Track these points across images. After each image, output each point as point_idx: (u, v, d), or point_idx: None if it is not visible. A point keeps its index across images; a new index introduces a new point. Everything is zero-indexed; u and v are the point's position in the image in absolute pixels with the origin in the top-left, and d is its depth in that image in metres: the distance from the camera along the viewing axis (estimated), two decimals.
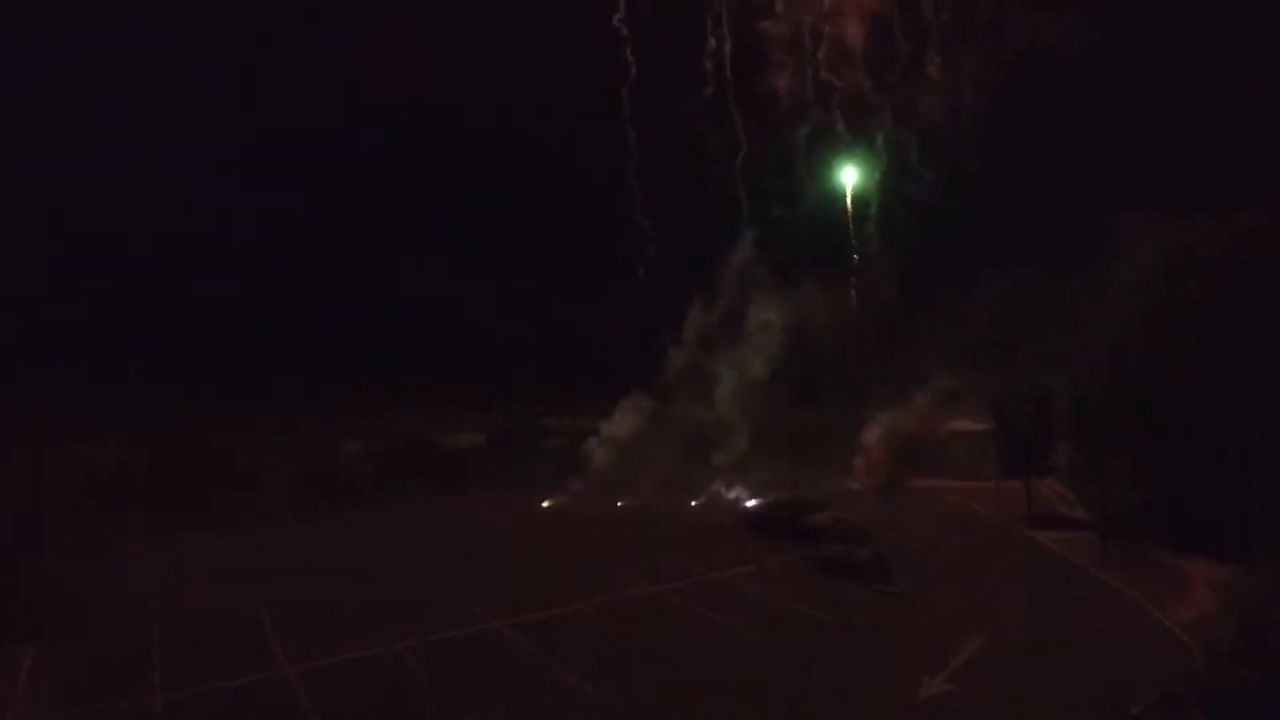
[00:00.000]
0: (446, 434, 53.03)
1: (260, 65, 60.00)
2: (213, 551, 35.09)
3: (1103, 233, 38.31)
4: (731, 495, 43.11)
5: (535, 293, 65.87)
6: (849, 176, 53.26)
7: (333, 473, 47.68)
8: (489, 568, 31.34)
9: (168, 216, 57.99)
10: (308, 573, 31.41)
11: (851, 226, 53.32)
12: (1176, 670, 20.58)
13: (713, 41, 49.02)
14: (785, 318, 46.09)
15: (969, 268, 49.01)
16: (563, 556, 33.03)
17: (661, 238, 56.57)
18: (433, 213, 65.54)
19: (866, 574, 28.62)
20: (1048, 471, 38.47)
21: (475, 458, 51.92)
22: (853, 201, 53.69)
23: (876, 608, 26.25)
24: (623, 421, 49.04)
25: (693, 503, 43.18)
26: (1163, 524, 27.54)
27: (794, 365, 46.02)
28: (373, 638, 23.39)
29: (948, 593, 27.44)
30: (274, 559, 33.79)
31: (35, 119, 52.26)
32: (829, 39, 49.89)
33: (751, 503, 39.91)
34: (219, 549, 35.49)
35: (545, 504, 44.14)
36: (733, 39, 49.88)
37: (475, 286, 65.00)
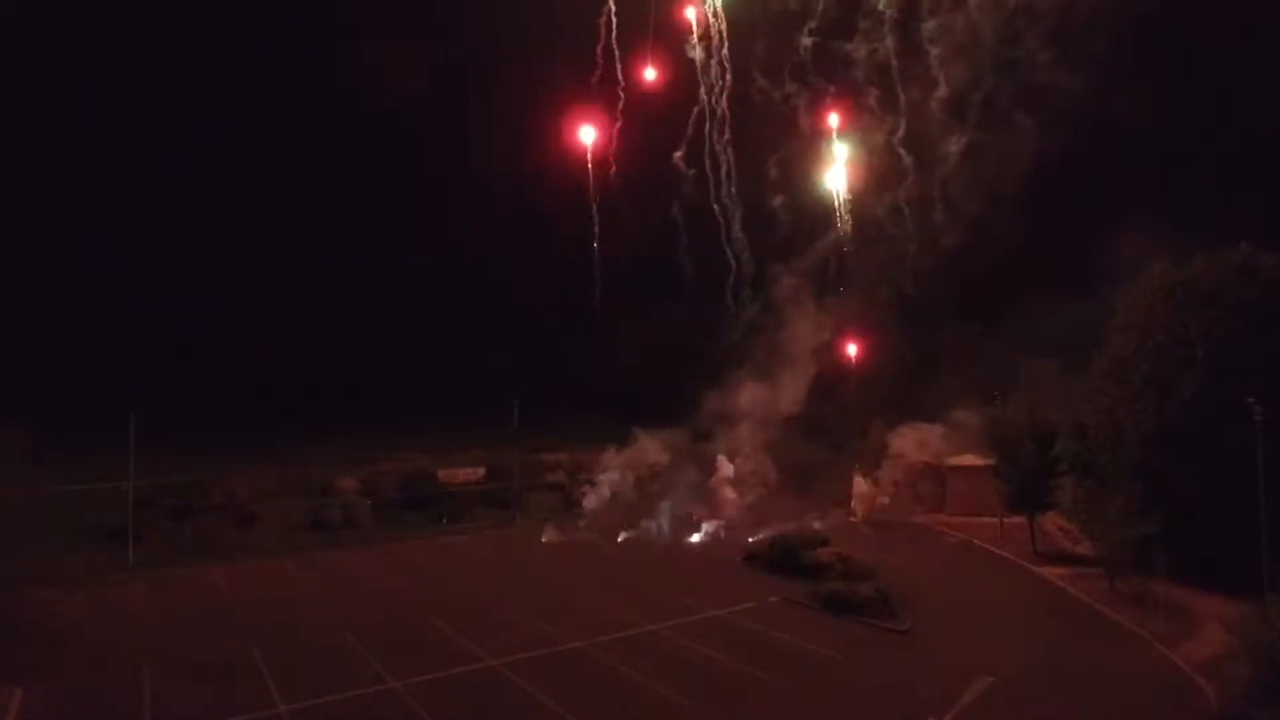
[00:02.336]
0: (445, 468, 52.73)
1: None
2: (207, 587, 34.64)
3: (1106, 269, 38.60)
4: (732, 530, 42.71)
5: (534, 329, 66.37)
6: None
7: (330, 508, 47.21)
8: (487, 604, 30.88)
9: (169, 254, 58.64)
10: (304, 609, 30.94)
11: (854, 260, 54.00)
12: (1189, 712, 20.15)
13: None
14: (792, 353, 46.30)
15: (971, 304, 49.47)
16: (561, 593, 32.59)
17: (663, 273, 57.24)
18: (430, 250, 66.31)
19: (869, 611, 28.17)
20: (1051, 506, 38.15)
21: (474, 492, 51.51)
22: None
23: (879, 645, 25.80)
24: (623, 457, 48.86)
25: (694, 538, 42.73)
26: (1168, 559, 27.18)
27: (800, 399, 46.01)
28: (369, 675, 23.02)
29: (952, 630, 27.02)
30: (269, 595, 33.30)
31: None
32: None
33: (753, 538, 39.48)
34: (214, 585, 35.04)
35: (544, 539, 43.67)
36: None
37: (473, 322, 65.48)
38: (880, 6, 50.48)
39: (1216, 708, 19.89)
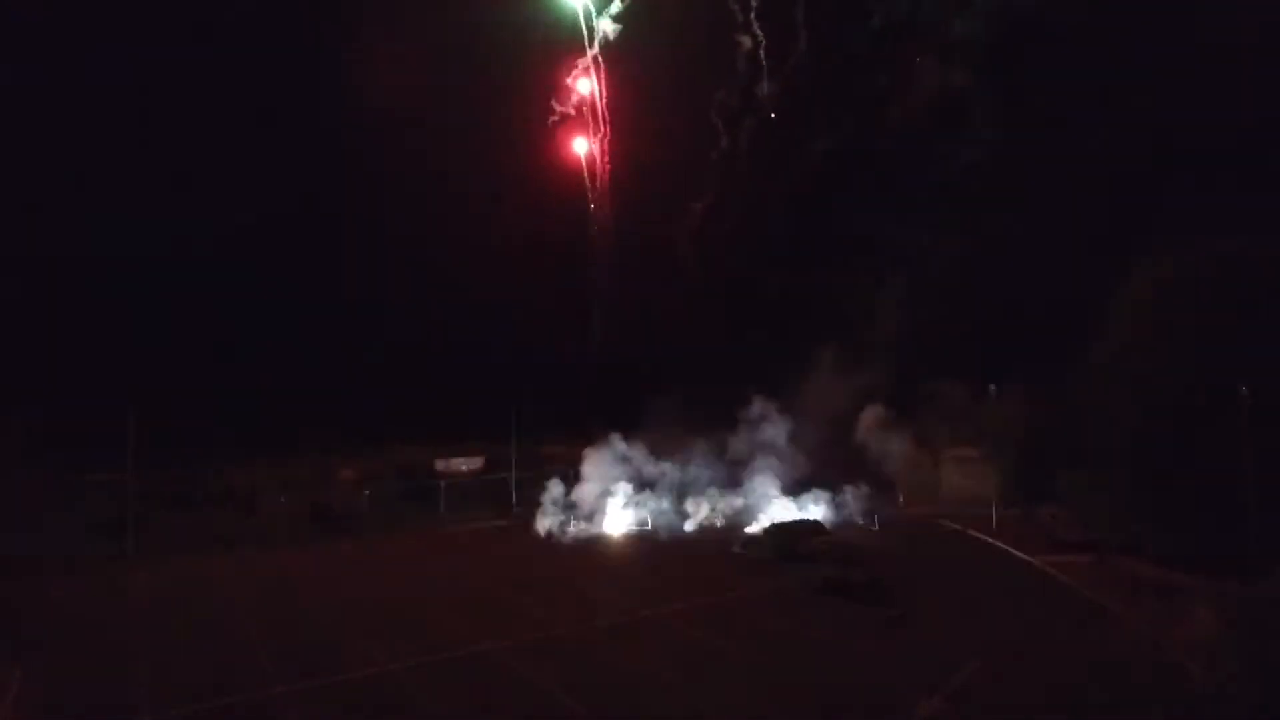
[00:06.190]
0: (444, 459, 52.94)
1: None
2: (205, 575, 34.87)
3: (1097, 258, 38.80)
4: (727, 520, 42.93)
5: (532, 319, 66.37)
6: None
7: (329, 498, 47.43)
8: (484, 592, 31.13)
9: (164, 246, 58.64)
10: (301, 594, 31.23)
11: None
12: (1177, 693, 20.37)
13: None
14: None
15: (964, 294, 49.49)
16: (559, 581, 32.84)
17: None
18: (431, 241, 66.24)
19: (863, 597, 28.43)
20: (1046, 496, 38.39)
21: (472, 483, 51.75)
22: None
23: (874, 630, 26.02)
24: (624, 448, 48.88)
25: (691, 527, 42.94)
26: (1161, 546, 27.48)
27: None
28: (367, 658, 23.25)
29: (945, 616, 27.26)
30: (267, 581, 33.56)
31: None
32: None
33: (749, 528, 39.72)
34: (212, 572, 35.26)
35: (542, 529, 43.80)
36: None
37: (474, 312, 65.51)
38: None
39: (1203, 688, 20.12)
